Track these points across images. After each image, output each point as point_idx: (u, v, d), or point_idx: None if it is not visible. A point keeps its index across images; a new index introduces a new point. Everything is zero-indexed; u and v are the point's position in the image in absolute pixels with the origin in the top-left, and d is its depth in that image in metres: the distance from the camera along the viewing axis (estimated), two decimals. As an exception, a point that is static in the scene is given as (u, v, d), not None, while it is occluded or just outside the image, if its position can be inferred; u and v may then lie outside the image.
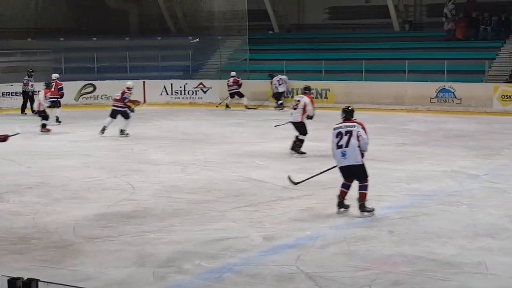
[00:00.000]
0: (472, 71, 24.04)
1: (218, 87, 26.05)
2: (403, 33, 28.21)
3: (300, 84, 25.15)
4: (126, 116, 17.55)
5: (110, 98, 23.85)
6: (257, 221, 8.66)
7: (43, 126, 18.24)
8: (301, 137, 14.17)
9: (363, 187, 9.09)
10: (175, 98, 26.83)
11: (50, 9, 30.73)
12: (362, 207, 9.02)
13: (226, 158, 13.72)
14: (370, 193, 10.17)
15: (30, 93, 22.83)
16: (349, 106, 9.73)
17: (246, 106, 24.07)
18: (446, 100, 23.27)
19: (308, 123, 14.19)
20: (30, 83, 22.88)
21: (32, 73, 23.05)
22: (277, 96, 24.67)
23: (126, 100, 17.80)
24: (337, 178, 11.38)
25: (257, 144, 15.76)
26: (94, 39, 28.34)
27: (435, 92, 23.40)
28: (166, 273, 6.72)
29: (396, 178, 11.31)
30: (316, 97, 25.12)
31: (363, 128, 9.25)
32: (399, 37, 27.85)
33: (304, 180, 10.31)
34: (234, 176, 11.71)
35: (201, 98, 26.39)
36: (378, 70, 25.26)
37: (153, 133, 18.03)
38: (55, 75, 21.11)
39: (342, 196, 9.21)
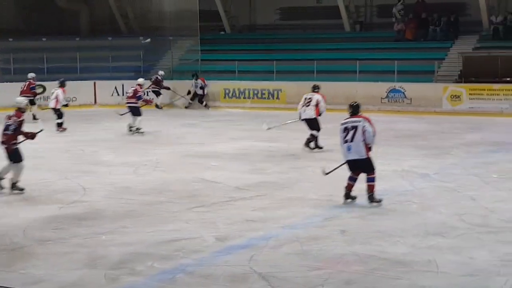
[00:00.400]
0: (421, 71, 24.42)
1: (170, 87, 25.89)
2: (354, 33, 28.48)
3: (250, 84, 25.39)
4: (137, 113, 17.89)
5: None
6: (210, 221, 8.64)
7: (59, 125, 18.36)
8: (314, 133, 14.60)
9: (370, 179, 9.58)
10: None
11: (-1, 9, 30.18)
12: (371, 198, 9.50)
13: (179, 159, 13.65)
14: (321, 192, 10.31)
15: None
16: (355, 102, 10.04)
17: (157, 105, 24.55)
18: (396, 100, 23.57)
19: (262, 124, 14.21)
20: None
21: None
22: (200, 98, 24.97)
23: (141, 100, 18.32)
24: (289, 178, 11.49)
25: (210, 144, 15.73)
26: (44, 39, 27.91)
27: (386, 92, 23.68)
28: (118, 275, 6.65)
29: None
30: (268, 98, 25.31)
31: (369, 121, 9.74)
32: (350, 38, 28.10)
33: (332, 171, 10.18)
34: (186, 177, 11.66)
35: (152, 98, 26.22)
36: (329, 70, 25.44)
37: (104, 135, 17.83)
38: (31, 75, 21.51)
39: (348, 188, 9.63)
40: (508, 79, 22.45)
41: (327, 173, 10.17)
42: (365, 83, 24.09)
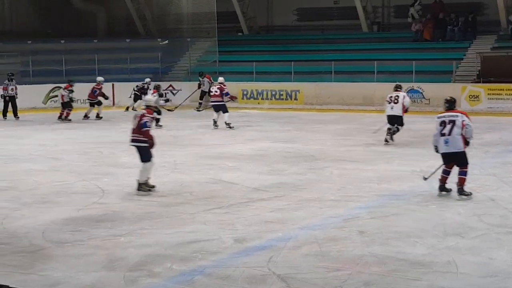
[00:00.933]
0: (440, 72, 24.33)
1: (188, 89, 25.97)
2: (372, 34, 28.44)
3: (268, 86, 25.39)
4: (225, 110, 18.93)
5: (79, 101, 23.76)
6: (228, 223, 8.64)
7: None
8: (399, 127, 15.53)
9: (462, 173, 9.88)
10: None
11: (17, 12, 30.43)
12: (461, 191, 9.81)
13: (196, 160, 13.68)
14: (339, 193, 10.30)
15: (7, 98, 22.44)
16: (451, 97, 10.31)
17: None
18: (414, 100, 23.43)
19: (279, 126, 14.25)
20: (10, 87, 22.48)
21: (12, 77, 22.66)
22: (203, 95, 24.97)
23: (228, 96, 19.06)
24: (307, 179, 11.46)
25: (226, 145, 15.75)
26: (62, 41, 28.13)
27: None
28: (137, 277, 6.67)
29: (366, 179, 11.36)
30: (286, 99, 25.31)
31: (467, 116, 10.00)
32: (368, 38, 28.07)
33: (430, 176, 10.38)
34: (204, 178, 11.68)
35: (170, 100, 26.30)
36: (347, 71, 25.42)
37: (122, 136, 17.82)
38: (99, 79, 22.84)
39: (443, 181, 9.99)
40: (526, 79, 22.30)
41: (426, 178, 10.37)
42: (383, 84, 23.98)
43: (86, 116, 22.28)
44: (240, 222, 8.65)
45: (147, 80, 25.04)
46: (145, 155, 10.71)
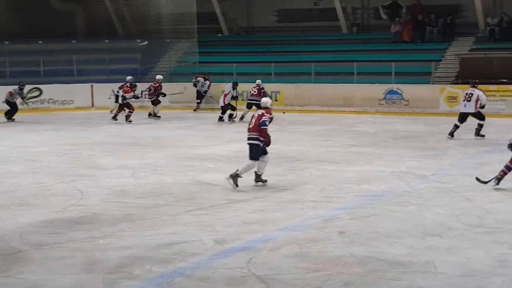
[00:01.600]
0: (419, 73, 24.47)
1: (168, 90, 25.86)
2: (351, 35, 28.53)
3: (248, 87, 25.33)
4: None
5: (57, 102, 23.60)
6: (208, 224, 8.62)
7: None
8: (481, 122, 16.48)
9: None
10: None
11: (-7, 11, 30.16)
12: None
13: (176, 161, 13.64)
14: (319, 194, 10.35)
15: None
16: None
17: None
18: (394, 102, 23.61)
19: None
20: (16, 96, 22.24)
21: (23, 87, 22.37)
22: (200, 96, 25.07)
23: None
24: (287, 180, 11.47)
25: (207, 147, 15.73)
26: (40, 42, 27.89)
27: (383, 93, 23.72)
28: (116, 279, 6.63)
29: (345, 179, 11.40)
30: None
31: None
32: (347, 40, 28.15)
33: (490, 180, 10.53)
34: (184, 179, 11.65)
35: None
36: (327, 72, 25.47)
37: (102, 138, 17.82)
38: (158, 77, 23.57)
39: (503, 175, 10.41)
40: (504, 80, 22.47)
41: (486, 182, 10.48)
42: (363, 85, 24.15)
43: (153, 115, 22.58)
44: (220, 224, 8.64)
45: (128, 78, 24.95)
46: (255, 153, 10.92)
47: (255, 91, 21.36)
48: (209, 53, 28.48)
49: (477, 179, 10.59)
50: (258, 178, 11.00)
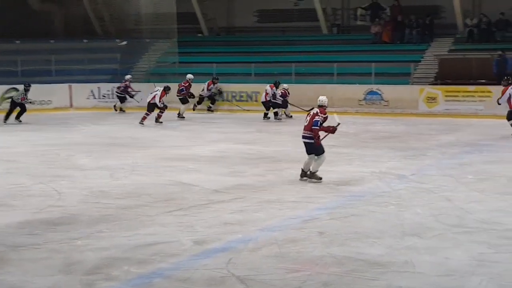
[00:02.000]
0: (398, 74, 24.59)
1: (147, 91, 25.76)
2: (331, 36, 28.61)
3: (228, 87, 25.31)
4: (285, 105, 22.35)
5: (36, 102, 23.39)
6: (188, 225, 8.58)
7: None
8: None
9: None
10: (103, 102, 26.43)
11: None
12: None
13: (156, 162, 13.57)
14: (299, 195, 10.33)
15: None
16: None
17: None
18: (374, 102, 23.69)
19: (240, 127, 14.25)
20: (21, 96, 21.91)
21: (29, 88, 21.97)
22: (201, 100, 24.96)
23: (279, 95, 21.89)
24: (267, 180, 11.45)
25: (187, 147, 15.67)
26: (17, 42, 27.64)
27: (363, 94, 23.80)
28: (94, 280, 6.57)
29: (325, 180, 11.39)
30: (247, 100, 25.29)
31: None
32: (327, 40, 28.22)
33: None
34: (164, 180, 11.59)
35: (129, 101, 26.10)
36: (307, 73, 25.51)
37: (80, 138, 17.70)
38: (189, 76, 23.44)
39: None
40: (483, 81, 22.65)
41: None
42: (343, 85, 24.19)
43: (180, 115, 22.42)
44: (200, 224, 8.60)
45: (128, 77, 24.86)
46: (317, 149, 11.25)
47: (279, 93, 22.20)
48: (189, 53, 28.42)
49: None
50: (304, 174, 11.34)
